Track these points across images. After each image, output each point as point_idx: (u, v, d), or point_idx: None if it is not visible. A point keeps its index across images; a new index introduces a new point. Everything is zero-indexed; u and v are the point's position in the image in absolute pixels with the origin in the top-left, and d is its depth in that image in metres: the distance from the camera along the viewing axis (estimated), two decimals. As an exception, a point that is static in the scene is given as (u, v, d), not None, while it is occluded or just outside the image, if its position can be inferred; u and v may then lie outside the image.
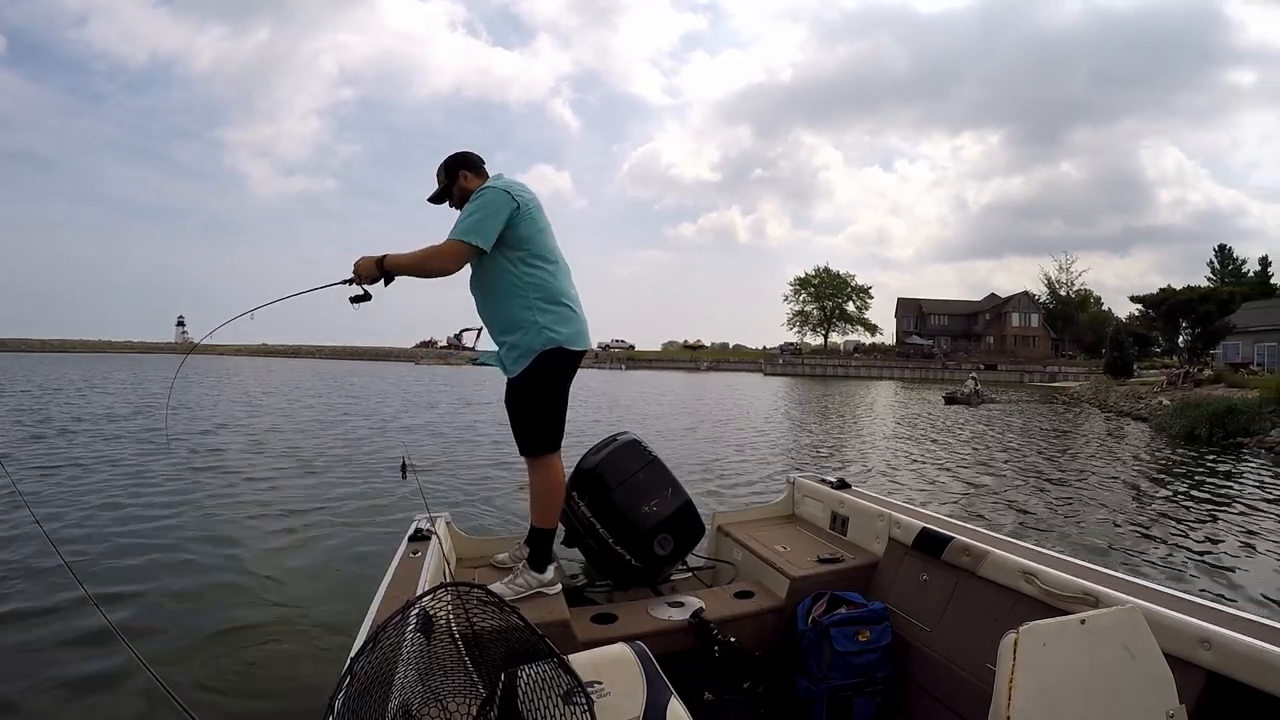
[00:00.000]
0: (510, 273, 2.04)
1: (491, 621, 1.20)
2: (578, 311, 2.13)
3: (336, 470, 7.34)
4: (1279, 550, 5.18)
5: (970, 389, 23.11)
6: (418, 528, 2.25)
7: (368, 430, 11.18)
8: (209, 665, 2.84)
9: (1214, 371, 23.57)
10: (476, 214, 1.98)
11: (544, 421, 2.09)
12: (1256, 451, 11.16)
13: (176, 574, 3.91)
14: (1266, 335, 28.97)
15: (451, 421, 12.82)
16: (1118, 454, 11.03)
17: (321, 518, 5.26)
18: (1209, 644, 1.31)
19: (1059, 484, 7.99)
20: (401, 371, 37.94)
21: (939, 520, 2.22)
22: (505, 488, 6.30)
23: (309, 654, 2.95)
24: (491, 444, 9.28)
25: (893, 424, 15.41)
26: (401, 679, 1.05)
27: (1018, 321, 58.58)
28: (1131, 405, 19.77)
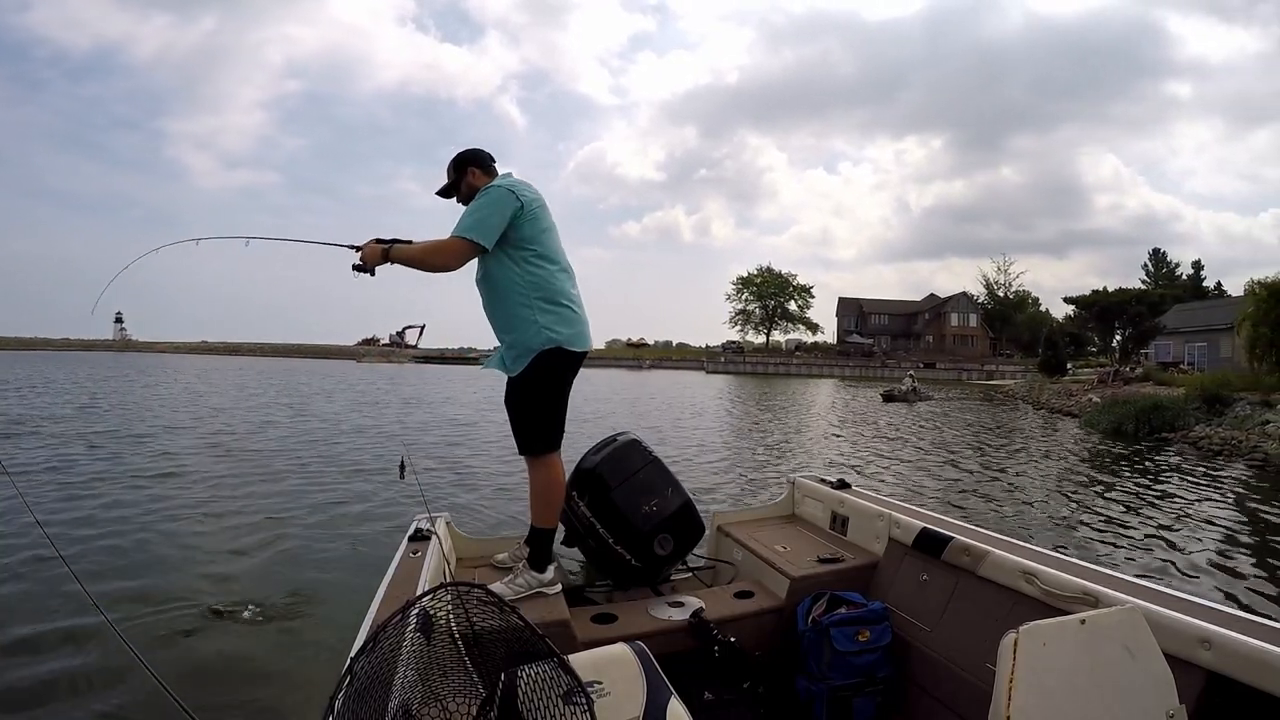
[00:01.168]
0: (512, 271, 2.04)
1: (491, 621, 1.20)
2: (579, 312, 2.13)
3: (336, 470, 7.34)
4: (1193, 534, 5.66)
5: (908, 387, 23.44)
6: (418, 528, 2.25)
7: (366, 429, 11.19)
8: (209, 665, 2.84)
9: (1144, 370, 24.47)
10: (479, 212, 1.99)
11: (543, 421, 2.09)
12: (1181, 447, 11.62)
13: (176, 574, 3.91)
14: (1196, 336, 29.75)
15: (414, 421, 12.80)
16: (1046, 449, 11.54)
17: (321, 518, 5.26)
18: (1209, 644, 1.31)
19: (989, 476, 8.41)
20: (345, 370, 36.89)
21: (939, 520, 2.22)
22: (505, 488, 6.31)
23: (309, 653, 2.95)
24: (490, 444, 9.29)
25: (832, 421, 15.71)
26: (401, 679, 1.05)
27: (956, 321, 60.14)
28: (1063, 402, 20.40)
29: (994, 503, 6.74)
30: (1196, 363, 26.99)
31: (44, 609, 3.28)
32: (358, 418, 13.17)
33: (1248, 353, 15.95)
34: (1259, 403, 12.32)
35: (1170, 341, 31.22)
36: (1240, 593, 4.19)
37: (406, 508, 4.88)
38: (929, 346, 58.95)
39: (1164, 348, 31.48)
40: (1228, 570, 4.67)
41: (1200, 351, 28.58)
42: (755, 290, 63.07)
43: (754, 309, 63.42)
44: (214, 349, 67.41)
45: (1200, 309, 33.57)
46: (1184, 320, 31.74)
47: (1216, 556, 5.03)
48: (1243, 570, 4.69)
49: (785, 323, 63.73)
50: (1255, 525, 6.22)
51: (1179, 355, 30.17)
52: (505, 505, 5.60)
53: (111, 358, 47.54)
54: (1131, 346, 27.13)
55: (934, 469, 8.84)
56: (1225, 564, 4.85)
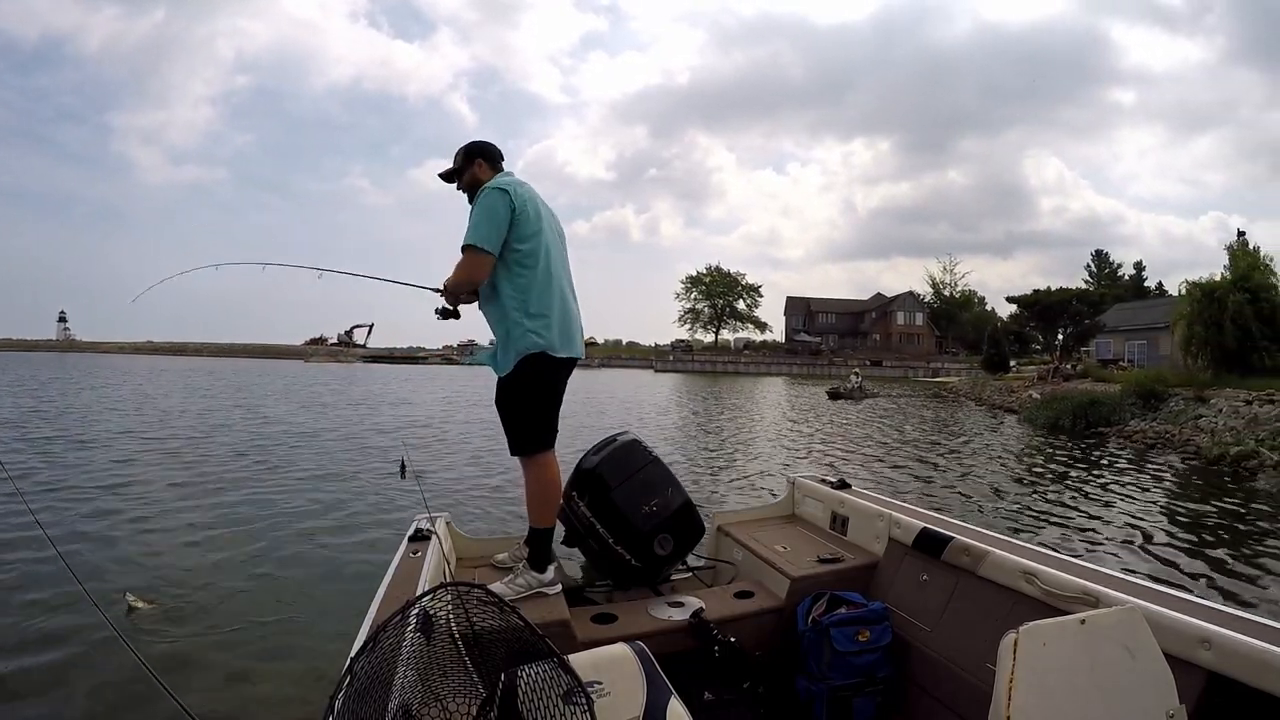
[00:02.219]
0: (501, 274, 2.06)
1: (491, 621, 1.20)
2: (567, 317, 2.13)
3: (336, 470, 7.34)
4: (1129, 521, 6.02)
5: (854, 384, 23.74)
6: (418, 528, 2.25)
7: (362, 429, 11.19)
8: (208, 665, 2.84)
9: (1083, 367, 25.01)
10: (479, 220, 2.01)
11: (531, 422, 2.10)
12: (1116, 440, 12.05)
13: (175, 574, 3.91)
14: (1136, 334, 30.56)
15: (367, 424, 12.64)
16: (987, 443, 12.03)
17: (321, 518, 5.26)
18: (1209, 644, 1.31)
19: (931, 469, 8.75)
20: (294, 370, 36.32)
21: (939, 520, 2.22)
22: (505, 487, 6.31)
23: (309, 653, 2.95)
24: (489, 444, 9.31)
25: (779, 418, 16.00)
26: (401, 679, 1.05)
27: (903, 320, 61.18)
28: (1004, 399, 20.99)
29: (934, 498, 6.93)
30: (1136, 360, 27.59)
31: (44, 609, 3.29)
32: (338, 419, 13.19)
33: (1183, 350, 16.50)
34: (1192, 398, 12.74)
35: (1111, 339, 32.32)
36: (1174, 575, 4.44)
37: (406, 508, 4.88)
38: (876, 345, 59.96)
39: (1105, 345, 32.50)
40: (1159, 557, 4.97)
41: (1140, 349, 29.32)
42: (704, 289, 63.62)
43: (703, 308, 64.00)
44: (160, 349, 65.45)
45: (1140, 308, 34.62)
46: (1124, 319, 32.90)
47: (1148, 541, 5.37)
48: (1173, 555, 4.99)
49: (734, 321, 64.37)
50: (1186, 512, 6.59)
51: (1119, 353, 30.98)
52: (505, 505, 5.61)
53: (55, 358, 46.77)
54: (1072, 344, 27.93)
55: (875, 463, 9.14)
56: (1158, 547, 5.19)
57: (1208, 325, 15.18)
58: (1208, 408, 12.00)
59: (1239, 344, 14.60)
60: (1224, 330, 14.80)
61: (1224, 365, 14.77)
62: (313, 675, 2.73)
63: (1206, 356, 15.27)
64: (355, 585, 3.60)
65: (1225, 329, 14.78)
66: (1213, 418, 11.44)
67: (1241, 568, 4.73)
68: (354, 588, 3.55)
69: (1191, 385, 13.52)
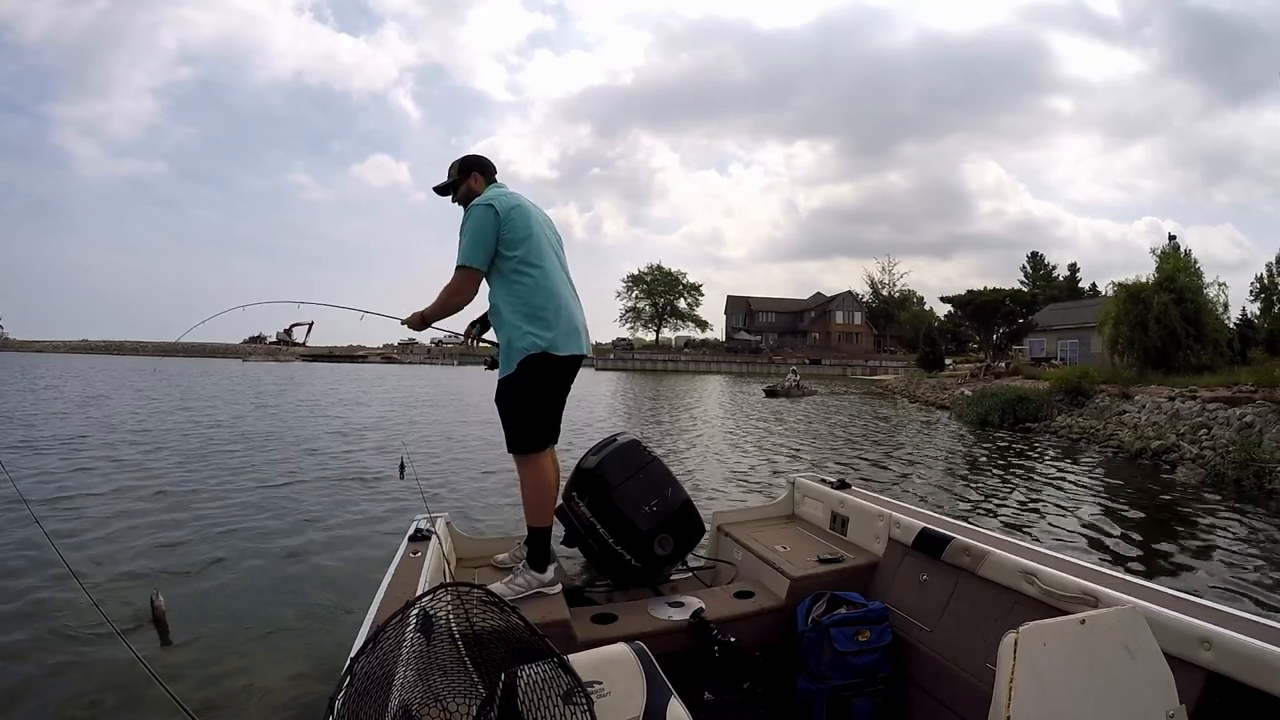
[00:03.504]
0: (499, 278, 2.10)
1: (491, 621, 1.20)
2: (569, 316, 2.14)
3: (335, 471, 7.34)
4: (1052, 510, 6.36)
5: (791, 382, 24.00)
6: (418, 528, 2.26)
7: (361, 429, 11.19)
8: (208, 665, 2.84)
9: (1013, 365, 25.66)
10: (468, 238, 2.08)
11: (529, 422, 2.11)
12: (1043, 435, 12.44)
13: (175, 574, 3.91)
14: (1068, 333, 31.08)
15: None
16: (917, 438, 12.44)
17: (321, 518, 5.26)
18: (1209, 644, 1.31)
19: (862, 463, 8.96)
20: (231, 369, 35.18)
21: (939, 520, 2.22)
22: (505, 488, 6.31)
23: (309, 653, 2.95)
24: (489, 444, 9.30)
25: (717, 415, 16.22)
26: (401, 679, 1.05)
27: (842, 319, 62.06)
28: (937, 396, 21.49)
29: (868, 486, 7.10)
30: (1068, 358, 27.93)
31: (44, 608, 3.29)
32: (326, 417, 13.16)
33: (1109, 349, 17.01)
34: (1118, 395, 13.07)
35: (1044, 338, 32.93)
36: (1095, 563, 4.62)
37: (407, 508, 4.88)
38: (815, 343, 60.86)
39: (1038, 344, 33.13)
40: (1086, 539, 5.30)
41: (1072, 347, 29.74)
42: (645, 288, 63.86)
43: (644, 306, 64.26)
44: (96, 347, 62.93)
45: (1072, 308, 35.23)
46: (1057, 318, 33.54)
47: (1074, 531, 5.61)
48: (1099, 546, 5.20)
49: (675, 320, 64.59)
50: (1111, 503, 6.91)
51: (1052, 351, 31.55)
52: (505, 505, 5.60)
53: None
54: (1006, 343, 28.52)
55: (805, 459, 9.33)
56: (1080, 534, 5.49)
57: (1133, 325, 15.66)
58: (1132, 404, 12.32)
59: (1163, 343, 15.06)
60: (1149, 330, 15.27)
61: (1149, 363, 15.19)
62: (313, 675, 2.73)
63: (1133, 355, 15.77)
64: (355, 585, 3.60)
65: (1150, 328, 15.24)
66: (1136, 413, 11.78)
67: (1168, 551, 5.09)
68: (354, 588, 3.55)
69: (1117, 382, 13.91)
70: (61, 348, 63.04)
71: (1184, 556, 4.96)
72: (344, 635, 2.46)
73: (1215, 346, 15.23)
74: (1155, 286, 15.68)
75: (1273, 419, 8.95)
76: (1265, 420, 9.02)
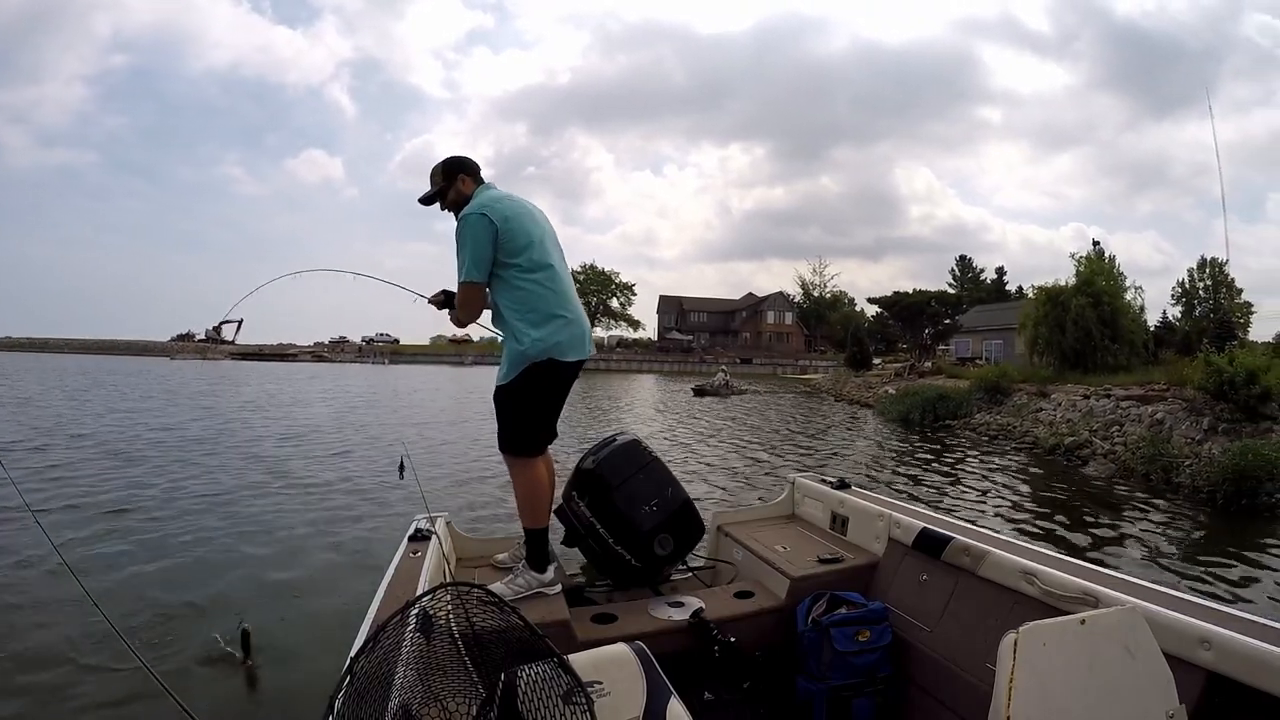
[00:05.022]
0: (502, 284, 2.06)
1: (491, 621, 1.20)
2: (572, 320, 2.12)
3: (335, 471, 7.34)
4: (966, 502, 6.83)
5: (720, 381, 24.22)
6: (418, 528, 2.25)
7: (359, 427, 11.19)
8: (208, 664, 2.84)
9: (935, 364, 26.25)
10: (468, 253, 2.03)
11: (526, 426, 2.10)
12: (963, 432, 12.89)
13: (175, 575, 3.91)
14: (993, 334, 32.38)
15: None
16: (842, 435, 12.91)
17: (321, 518, 5.26)
18: (1209, 644, 1.31)
19: (783, 460, 9.26)
20: (158, 367, 34.99)
21: (939, 520, 2.22)
22: (505, 487, 6.31)
23: (309, 653, 2.95)
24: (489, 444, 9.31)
25: (648, 413, 16.64)
26: (401, 679, 1.05)
27: (773, 319, 63.28)
28: (862, 394, 22.09)
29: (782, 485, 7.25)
30: (993, 358, 28.54)
31: (44, 608, 3.29)
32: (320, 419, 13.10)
33: (1029, 350, 17.54)
34: (1035, 393, 13.53)
35: (969, 339, 34.28)
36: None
37: (406, 508, 4.88)
38: (746, 343, 61.59)
39: (964, 344, 34.35)
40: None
41: (996, 348, 30.52)
42: (579, 287, 63.92)
43: None
44: (18, 344, 61.33)
45: (997, 309, 36.61)
46: (983, 320, 34.97)
47: (990, 521, 5.88)
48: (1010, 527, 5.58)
49: (607, 319, 64.91)
50: (1024, 495, 7.35)
51: (977, 351, 32.35)
52: (505, 505, 5.60)
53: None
54: (931, 343, 28.89)
55: (728, 455, 9.55)
56: (993, 522, 5.81)
57: (1051, 327, 16.12)
58: (1048, 402, 12.76)
59: (1079, 344, 15.50)
60: (1066, 331, 15.71)
61: (1067, 363, 15.60)
62: (312, 674, 2.73)
63: (1051, 355, 16.25)
64: (355, 585, 3.60)
65: (1067, 330, 15.69)
66: (1052, 411, 12.13)
67: (1078, 539, 5.42)
68: (354, 588, 3.55)
69: (1035, 381, 14.33)
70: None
71: (1094, 547, 5.29)
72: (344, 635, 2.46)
73: (1131, 347, 15.76)
74: (1073, 290, 16.19)
75: (1183, 416, 9.29)
76: (1175, 417, 9.35)
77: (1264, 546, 5.37)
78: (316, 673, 2.73)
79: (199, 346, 57.82)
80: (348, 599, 3.46)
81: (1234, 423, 8.45)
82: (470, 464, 7.93)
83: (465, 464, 8.01)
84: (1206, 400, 9.03)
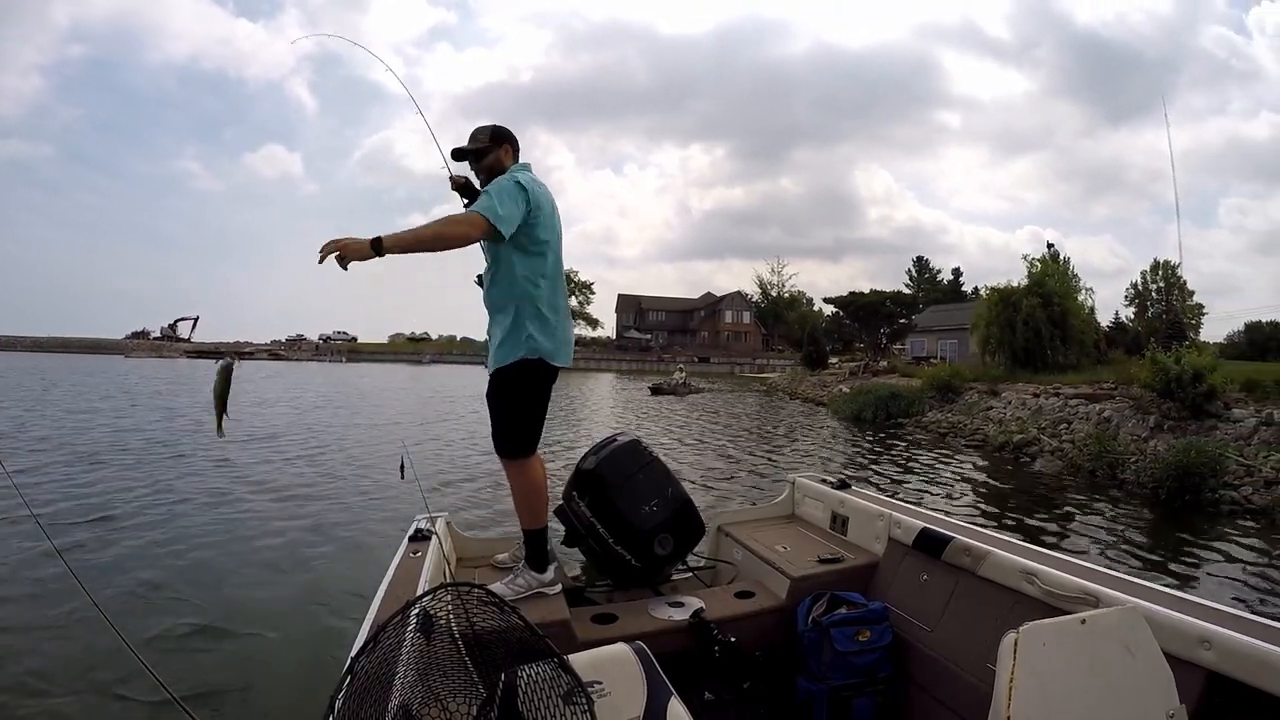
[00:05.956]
0: (514, 276, 2.03)
1: (492, 621, 1.20)
2: (567, 327, 2.14)
3: (334, 471, 7.34)
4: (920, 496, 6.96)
5: (677, 380, 24.48)
6: (418, 528, 2.25)
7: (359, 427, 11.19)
8: (209, 665, 2.84)
9: (890, 363, 26.73)
10: (506, 195, 1.91)
11: (521, 424, 2.09)
12: (914, 430, 13.07)
13: (175, 574, 3.91)
14: (948, 334, 32.80)
15: None
16: (797, 433, 13.06)
17: (321, 518, 5.26)
18: (1209, 644, 1.31)
19: (733, 457, 9.41)
20: (113, 366, 33.88)
21: (939, 520, 2.22)
22: (505, 487, 6.31)
23: (309, 653, 2.95)
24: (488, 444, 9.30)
25: (604, 411, 16.82)
26: (402, 679, 1.05)
27: (731, 319, 63.60)
28: (816, 393, 22.34)
29: (735, 480, 7.47)
30: (948, 357, 28.86)
31: (44, 607, 3.29)
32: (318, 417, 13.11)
33: (980, 349, 17.91)
34: (986, 392, 13.73)
35: (925, 338, 34.69)
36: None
37: (406, 508, 4.89)
38: (704, 342, 61.93)
39: (919, 344, 34.73)
40: None
41: (951, 347, 30.94)
42: None
43: None
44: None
45: (953, 309, 37.05)
46: (938, 319, 35.38)
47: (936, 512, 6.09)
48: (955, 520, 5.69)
49: None
50: (974, 492, 7.56)
51: (933, 351, 32.74)
52: (505, 505, 5.60)
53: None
54: (886, 342, 29.17)
55: (685, 453, 9.63)
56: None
57: (1003, 326, 16.41)
58: (998, 400, 12.94)
59: (1029, 343, 15.79)
60: (1017, 331, 15.98)
61: (1018, 362, 15.91)
62: (313, 675, 2.73)
63: (1003, 354, 16.55)
64: (355, 585, 3.60)
65: (1018, 330, 15.93)
66: (1002, 409, 12.33)
67: (1025, 532, 5.42)
68: (354, 588, 3.55)
69: (986, 380, 14.55)
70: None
71: (1026, 531, 5.43)
72: (344, 635, 2.46)
73: (1081, 347, 16.01)
74: (1024, 291, 16.47)
75: (1129, 414, 9.43)
76: (1122, 415, 9.50)
77: (1206, 542, 5.50)
78: (317, 673, 2.73)
79: (154, 345, 56.38)
80: (348, 599, 3.46)
81: (1180, 420, 8.63)
82: (463, 459, 7.94)
83: (457, 461, 8.01)
84: (1153, 399, 9.20)
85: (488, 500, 5.97)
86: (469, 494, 6.28)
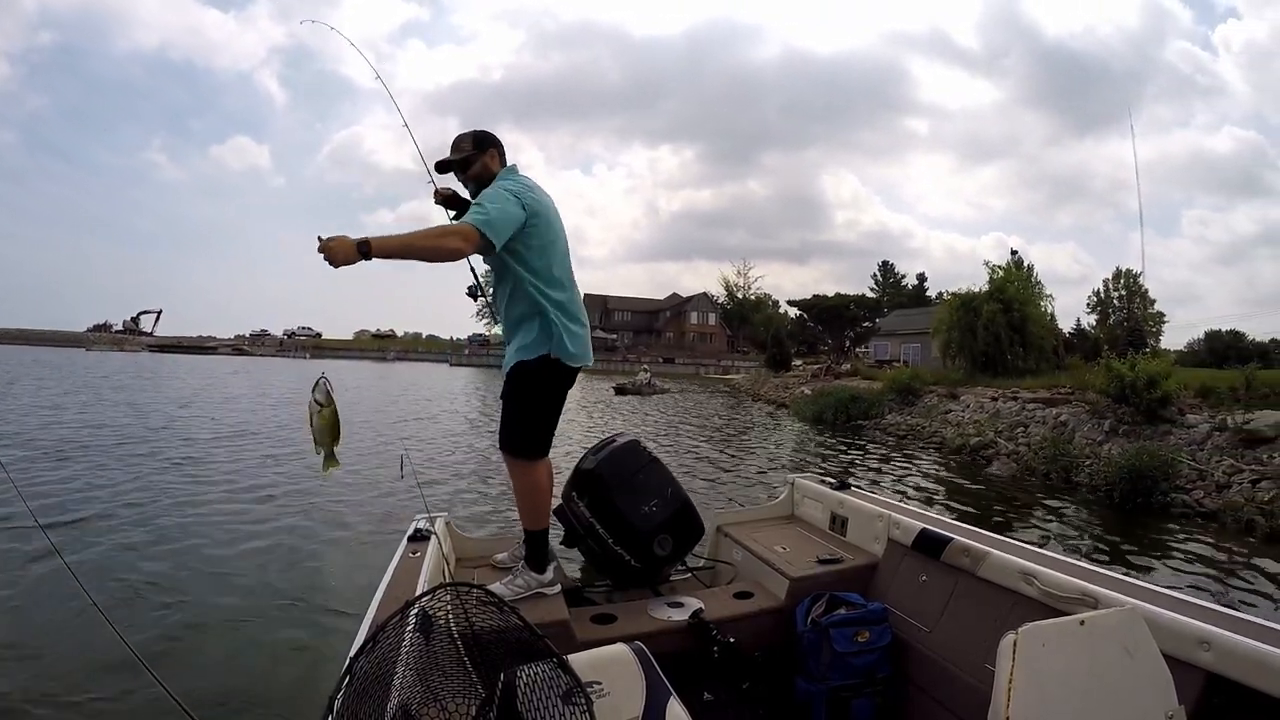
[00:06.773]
0: (530, 288, 2.02)
1: (491, 621, 1.20)
2: (584, 328, 2.13)
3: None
4: None
5: (642, 380, 24.71)
6: (417, 528, 2.25)
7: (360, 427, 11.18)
8: (208, 665, 2.84)
9: (851, 365, 27.11)
10: (498, 205, 1.88)
11: (535, 422, 2.08)
12: (873, 432, 13.28)
13: (175, 574, 3.90)
14: (911, 337, 33.03)
15: None
16: (759, 434, 13.27)
17: (321, 518, 5.26)
18: (1208, 645, 1.31)
19: (699, 456, 9.52)
20: (74, 359, 33.40)
21: (938, 521, 2.22)
22: (505, 487, 6.31)
23: (309, 653, 2.95)
24: (488, 444, 9.30)
25: (569, 412, 16.34)
26: (401, 679, 1.05)
27: (696, 320, 64.17)
28: (779, 395, 22.56)
29: (700, 477, 7.56)
30: (911, 360, 29.15)
31: (44, 607, 3.28)
32: None
33: (942, 353, 18.36)
34: (945, 395, 14.00)
35: (888, 342, 35.21)
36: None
37: (406, 508, 4.88)
38: (670, 342, 62.15)
39: (882, 347, 35.33)
40: None
41: (914, 351, 31.18)
42: None
43: None
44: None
45: (916, 313, 37.49)
46: (901, 323, 35.91)
47: None
48: None
49: None
50: (931, 492, 7.67)
51: (896, 354, 33.10)
52: (505, 505, 5.61)
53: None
54: (849, 345, 29.50)
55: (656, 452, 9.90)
56: None
57: (963, 331, 16.68)
58: (957, 404, 13.11)
59: (989, 348, 16.05)
60: (977, 335, 16.24)
61: (978, 366, 16.15)
62: (312, 675, 2.73)
63: (963, 358, 16.81)
64: (355, 585, 3.60)
65: (978, 334, 16.20)
66: (961, 412, 12.51)
67: None
68: (353, 588, 3.55)
69: (946, 384, 14.80)
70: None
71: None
72: (344, 635, 2.45)
73: (1040, 352, 16.25)
74: (985, 296, 16.68)
75: (1085, 418, 9.58)
76: (1078, 419, 9.65)
77: (1156, 542, 5.58)
78: (316, 672, 2.73)
79: (115, 338, 55.34)
80: (347, 599, 3.45)
81: (1134, 425, 8.75)
82: (449, 457, 7.94)
83: (447, 464, 8.01)
84: (1109, 404, 9.33)
85: (488, 500, 5.97)
86: (459, 489, 6.28)
